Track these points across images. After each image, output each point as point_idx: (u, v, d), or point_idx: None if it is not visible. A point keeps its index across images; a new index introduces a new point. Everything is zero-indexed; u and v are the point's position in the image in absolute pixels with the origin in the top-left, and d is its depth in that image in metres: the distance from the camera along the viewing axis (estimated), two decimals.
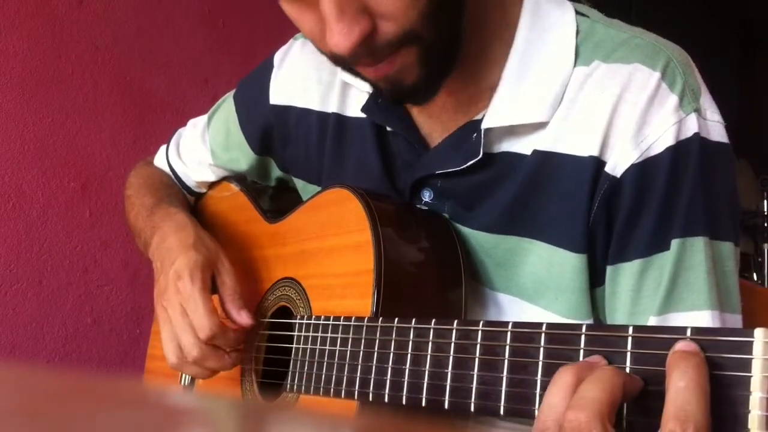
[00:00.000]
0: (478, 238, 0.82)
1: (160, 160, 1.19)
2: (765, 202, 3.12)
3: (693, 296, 0.73)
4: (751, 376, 0.50)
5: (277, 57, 1.03)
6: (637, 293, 0.75)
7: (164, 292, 0.89)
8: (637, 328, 0.56)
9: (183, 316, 0.86)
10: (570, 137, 0.76)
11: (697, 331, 0.53)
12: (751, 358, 0.50)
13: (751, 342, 0.50)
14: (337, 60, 0.75)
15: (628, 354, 0.56)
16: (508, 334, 0.63)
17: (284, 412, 0.46)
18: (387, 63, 0.72)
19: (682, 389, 0.50)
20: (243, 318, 0.88)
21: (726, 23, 4.30)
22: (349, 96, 0.93)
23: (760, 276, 3.06)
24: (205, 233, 0.95)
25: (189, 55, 1.86)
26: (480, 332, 0.65)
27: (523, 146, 0.79)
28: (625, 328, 0.57)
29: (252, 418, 0.29)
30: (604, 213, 0.75)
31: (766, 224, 3.11)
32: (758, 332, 0.50)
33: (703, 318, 0.73)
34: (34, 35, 1.59)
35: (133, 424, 0.26)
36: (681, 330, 0.54)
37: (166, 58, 1.81)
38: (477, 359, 0.65)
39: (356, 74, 0.78)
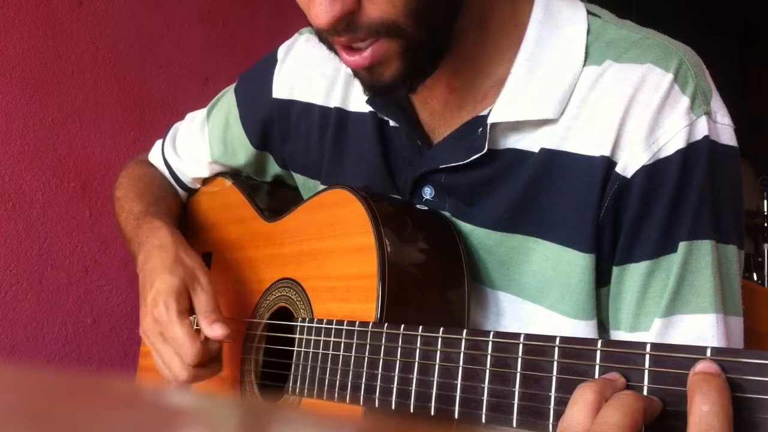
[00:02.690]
0: (480, 236, 0.82)
1: (155, 156, 1.17)
2: (765, 202, 3.13)
3: (698, 299, 0.73)
4: None
5: (281, 51, 1.03)
6: (642, 294, 0.75)
7: (144, 320, 0.89)
8: (655, 346, 0.55)
9: (165, 344, 0.86)
10: (581, 137, 0.76)
11: (717, 351, 0.52)
12: None
13: None
14: (320, 34, 0.75)
15: (646, 372, 0.55)
16: (520, 346, 0.62)
17: (284, 411, 0.46)
18: (365, 55, 0.72)
19: (705, 413, 0.50)
20: (216, 331, 0.86)
21: (726, 23, 4.30)
22: (353, 90, 0.93)
23: (760, 276, 3.06)
24: (185, 249, 0.93)
25: (189, 55, 1.86)
26: (491, 343, 0.64)
27: (529, 143, 0.79)
28: (642, 345, 0.56)
29: (253, 418, 0.29)
30: (612, 213, 0.75)
31: (766, 224, 3.12)
32: None
33: (707, 321, 0.73)
34: (34, 35, 1.59)
35: (133, 424, 0.26)
36: (701, 350, 0.53)
37: (166, 58, 1.81)
38: (488, 371, 0.64)
39: (336, 54, 0.77)
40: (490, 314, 0.82)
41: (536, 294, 0.79)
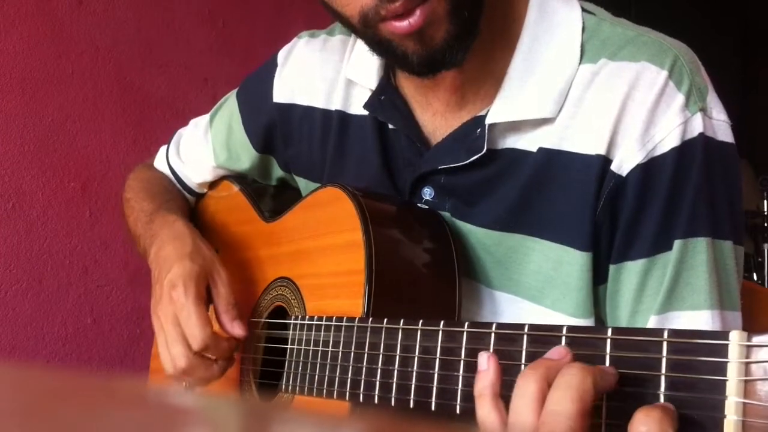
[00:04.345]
0: (479, 235, 0.82)
1: (160, 162, 1.18)
2: (765, 202, 3.13)
3: (693, 296, 0.74)
4: (727, 380, 0.49)
5: (281, 55, 1.03)
6: (639, 292, 0.75)
7: (159, 302, 0.88)
8: (617, 330, 0.56)
9: (175, 326, 0.86)
10: (577, 135, 0.77)
11: (674, 333, 0.53)
12: (727, 362, 0.50)
13: (727, 345, 0.50)
14: (366, 19, 0.74)
15: (608, 357, 0.56)
16: (492, 335, 0.63)
17: (285, 411, 0.46)
18: (416, 15, 0.71)
19: None
20: (236, 329, 0.88)
21: (725, 23, 4.30)
22: (353, 94, 0.93)
23: (760, 276, 3.06)
24: (202, 241, 0.94)
25: (189, 55, 1.85)
26: (465, 334, 0.65)
27: (527, 143, 0.79)
28: (604, 329, 0.57)
29: (252, 418, 0.29)
30: (608, 211, 0.76)
31: (766, 224, 3.12)
32: (734, 335, 0.50)
33: (703, 317, 0.73)
34: (34, 35, 1.59)
35: (133, 424, 0.26)
36: (659, 332, 0.54)
37: (166, 58, 1.81)
38: (462, 361, 0.65)
39: (377, 44, 0.77)
40: (487, 313, 0.83)
41: (536, 293, 0.80)
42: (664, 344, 0.53)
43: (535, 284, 0.80)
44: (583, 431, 0.52)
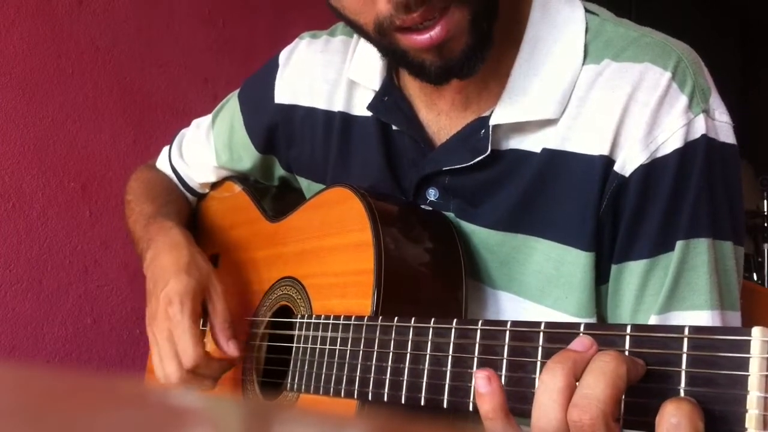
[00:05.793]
0: (483, 236, 0.83)
1: (162, 162, 1.18)
2: (765, 202, 3.13)
3: (694, 296, 0.74)
4: (749, 375, 0.50)
5: (283, 56, 1.03)
6: (641, 292, 0.76)
7: (154, 317, 0.88)
8: (636, 327, 0.56)
9: (170, 343, 0.86)
10: (580, 136, 0.77)
11: (695, 330, 0.53)
12: (749, 357, 0.50)
13: (749, 341, 0.50)
14: (381, 28, 0.73)
15: (626, 354, 0.55)
16: (507, 333, 0.63)
17: (287, 411, 0.46)
18: (439, 29, 0.71)
19: (673, 426, 0.50)
20: (231, 349, 0.88)
21: (725, 24, 4.30)
22: (356, 95, 0.93)
23: (760, 276, 3.06)
24: (198, 251, 0.94)
25: (189, 55, 1.85)
26: (479, 331, 0.65)
27: (531, 144, 0.80)
28: (623, 327, 0.57)
29: (254, 418, 0.29)
30: (611, 211, 0.76)
31: (766, 224, 3.12)
32: (756, 331, 0.50)
33: (703, 317, 0.74)
34: (34, 35, 1.59)
35: (134, 423, 0.26)
36: (679, 329, 0.54)
37: (166, 58, 1.81)
38: (476, 359, 0.65)
39: (392, 53, 0.77)
40: (490, 314, 0.83)
41: (537, 293, 0.80)
42: (685, 340, 0.53)
43: (537, 284, 0.80)
44: (613, 417, 0.52)
